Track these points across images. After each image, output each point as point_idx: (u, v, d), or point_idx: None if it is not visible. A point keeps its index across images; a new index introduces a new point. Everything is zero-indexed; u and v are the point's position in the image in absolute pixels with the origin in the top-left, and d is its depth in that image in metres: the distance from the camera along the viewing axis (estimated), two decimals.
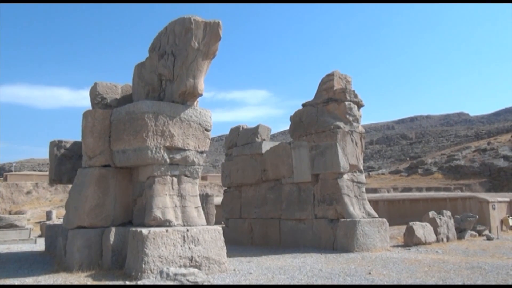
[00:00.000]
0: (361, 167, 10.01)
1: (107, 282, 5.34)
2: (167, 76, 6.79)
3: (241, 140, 12.51)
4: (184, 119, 6.75)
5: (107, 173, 6.78)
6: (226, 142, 13.41)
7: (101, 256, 6.35)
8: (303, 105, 10.58)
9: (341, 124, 9.58)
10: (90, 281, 5.40)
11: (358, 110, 10.08)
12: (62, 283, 5.36)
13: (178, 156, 6.69)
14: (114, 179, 6.83)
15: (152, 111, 6.44)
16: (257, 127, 12.22)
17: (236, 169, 12.28)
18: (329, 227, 9.17)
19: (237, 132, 12.96)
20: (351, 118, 9.77)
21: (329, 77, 10.07)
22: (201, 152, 7.05)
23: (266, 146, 11.63)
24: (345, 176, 9.51)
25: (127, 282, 5.25)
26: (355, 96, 9.93)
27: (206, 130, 7.08)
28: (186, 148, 6.76)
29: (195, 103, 7.14)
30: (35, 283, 5.41)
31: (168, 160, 6.56)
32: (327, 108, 9.87)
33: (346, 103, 9.73)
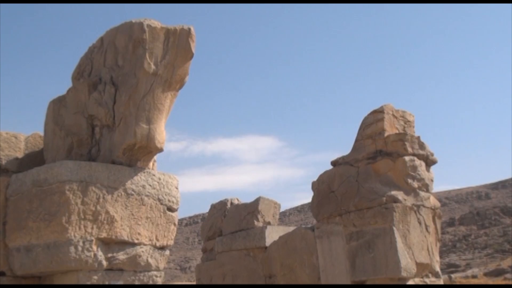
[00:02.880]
0: (437, 267, 9.89)
1: None
2: (104, 120, 6.85)
3: (229, 224, 12.43)
4: (132, 192, 6.75)
5: None
6: (204, 228, 13.31)
7: None
8: (334, 163, 10.62)
9: (400, 195, 9.58)
10: None
11: (428, 169, 10.11)
12: None
13: (122, 256, 6.62)
14: None
15: (78, 179, 6.44)
16: (257, 201, 12.19)
17: (222, 275, 12.12)
18: None
19: (223, 210, 12.90)
20: (415, 184, 9.79)
21: (376, 116, 10.18)
22: (162, 248, 6.99)
23: (273, 235, 11.55)
24: (410, 284, 9.39)
25: None
26: (422, 146, 10.00)
27: (170, 209, 7.05)
28: (135, 241, 6.70)
29: (151, 163, 7.15)
30: None
31: (104, 263, 6.48)
32: (374, 168, 9.92)
33: (407, 158, 9.78)
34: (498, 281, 34.34)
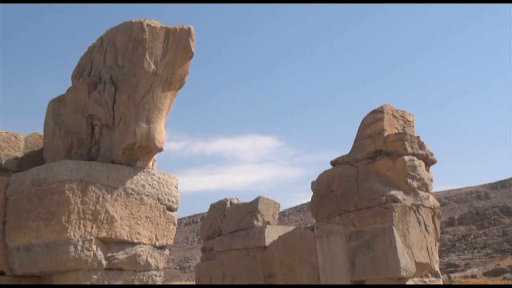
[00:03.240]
0: (436, 267, 9.88)
1: None
2: (103, 120, 6.84)
3: (229, 224, 12.42)
4: (132, 191, 6.74)
5: None
6: (204, 227, 13.30)
7: None
8: (334, 162, 10.61)
9: (399, 194, 9.58)
10: None
11: (427, 169, 10.10)
12: None
13: (121, 255, 6.61)
14: None
15: (78, 178, 6.43)
16: (257, 201, 12.19)
17: (222, 275, 12.11)
18: None
19: (222, 210, 12.88)
20: (415, 184, 9.78)
21: (376, 115, 10.17)
22: (161, 247, 6.99)
23: (272, 234, 11.54)
24: (410, 283, 9.38)
25: None
26: (421, 146, 9.99)
27: (170, 209, 7.05)
28: (135, 241, 6.69)
29: (151, 163, 7.13)
30: None
31: (104, 262, 6.47)
32: (373, 168, 9.91)
33: (406, 158, 9.78)
34: (497, 281, 34.36)
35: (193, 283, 19.55)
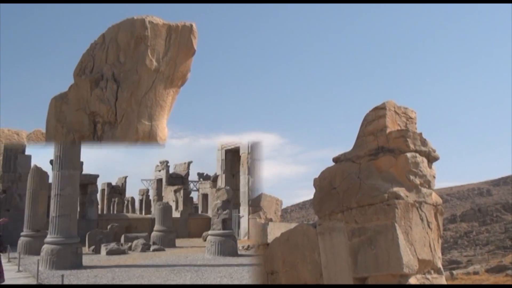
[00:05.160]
0: (439, 264, 9.85)
1: None
2: (106, 117, 6.86)
3: None
4: None
5: None
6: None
7: None
8: (336, 159, 10.59)
9: (402, 191, 9.55)
10: None
11: (430, 166, 10.07)
12: None
13: None
14: None
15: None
16: (259, 198, 12.24)
17: None
18: None
19: None
20: (417, 181, 9.76)
21: (378, 112, 10.15)
22: None
23: (275, 231, 11.58)
24: (412, 281, 9.36)
25: None
26: (424, 143, 9.96)
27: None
28: None
29: None
30: None
31: None
32: (376, 165, 9.89)
33: (409, 155, 9.75)
34: (500, 277, 34.36)
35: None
